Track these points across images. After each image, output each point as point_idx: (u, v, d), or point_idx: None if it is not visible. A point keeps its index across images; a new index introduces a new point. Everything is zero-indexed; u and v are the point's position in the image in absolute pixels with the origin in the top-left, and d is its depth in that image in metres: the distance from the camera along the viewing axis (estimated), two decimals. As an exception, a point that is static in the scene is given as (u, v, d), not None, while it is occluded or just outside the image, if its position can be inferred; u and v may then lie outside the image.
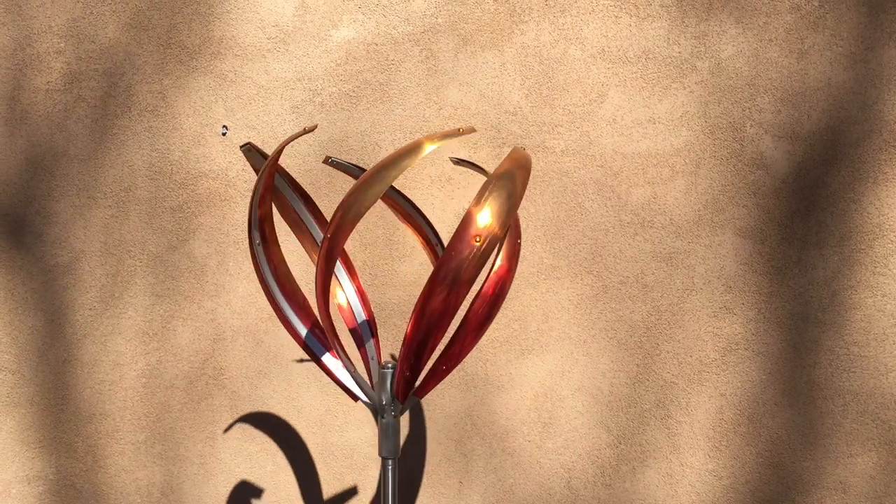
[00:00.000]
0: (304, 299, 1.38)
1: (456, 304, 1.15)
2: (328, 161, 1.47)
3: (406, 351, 1.21)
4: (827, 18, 1.66)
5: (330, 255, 1.18)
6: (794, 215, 1.70)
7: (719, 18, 1.68)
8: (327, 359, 1.36)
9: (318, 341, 1.36)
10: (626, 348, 1.74)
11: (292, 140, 1.25)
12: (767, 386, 1.73)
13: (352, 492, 1.82)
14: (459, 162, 1.51)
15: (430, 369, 1.30)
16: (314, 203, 1.48)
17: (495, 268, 1.30)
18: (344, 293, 1.49)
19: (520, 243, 1.30)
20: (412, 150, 1.15)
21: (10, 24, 1.77)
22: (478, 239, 1.11)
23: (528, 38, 1.71)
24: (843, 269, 1.70)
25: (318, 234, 1.47)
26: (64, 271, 1.79)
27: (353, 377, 1.33)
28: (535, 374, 1.76)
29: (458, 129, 1.21)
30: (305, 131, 1.24)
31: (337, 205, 1.74)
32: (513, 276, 1.31)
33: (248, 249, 1.76)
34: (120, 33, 1.76)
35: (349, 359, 1.31)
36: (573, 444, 1.76)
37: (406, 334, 1.21)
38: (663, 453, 1.75)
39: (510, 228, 1.33)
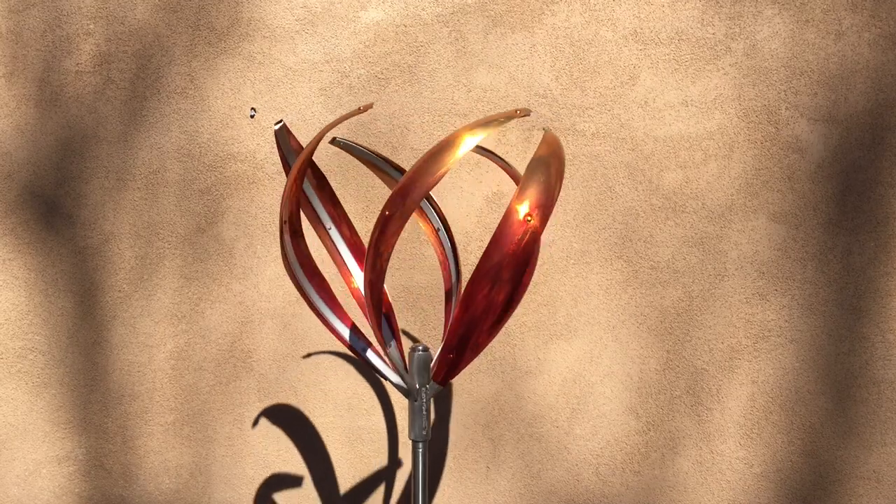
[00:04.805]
0: (328, 285, 1.45)
1: (499, 298, 1.22)
2: (334, 141, 1.53)
3: (451, 336, 1.28)
4: (866, -1, 1.69)
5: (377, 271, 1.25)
6: (830, 200, 1.73)
7: (755, -1, 1.71)
8: (356, 342, 1.42)
9: (349, 328, 1.43)
10: (656, 334, 1.79)
11: (333, 126, 1.31)
12: (801, 374, 1.77)
13: (378, 474, 1.88)
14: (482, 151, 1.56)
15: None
16: (331, 188, 1.54)
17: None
18: (356, 278, 1.55)
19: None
20: (452, 142, 1.21)
21: (39, 5, 1.84)
22: (529, 218, 1.17)
23: (558, 19, 1.75)
24: (880, 256, 1.73)
25: (327, 221, 1.53)
26: (94, 253, 1.87)
27: (385, 361, 1.39)
28: (564, 360, 1.81)
29: (516, 111, 1.27)
30: (362, 110, 1.29)
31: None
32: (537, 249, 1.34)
33: (278, 236, 1.83)
34: (149, 15, 1.83)
35: (381, 344, 1.38)
36: (602, 430, 1.82)
37: (453, 320, 1.27)
38: (693, 441, 1.80)
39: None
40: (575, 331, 1.81)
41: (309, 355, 1.86)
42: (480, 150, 1.55)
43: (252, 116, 1.82)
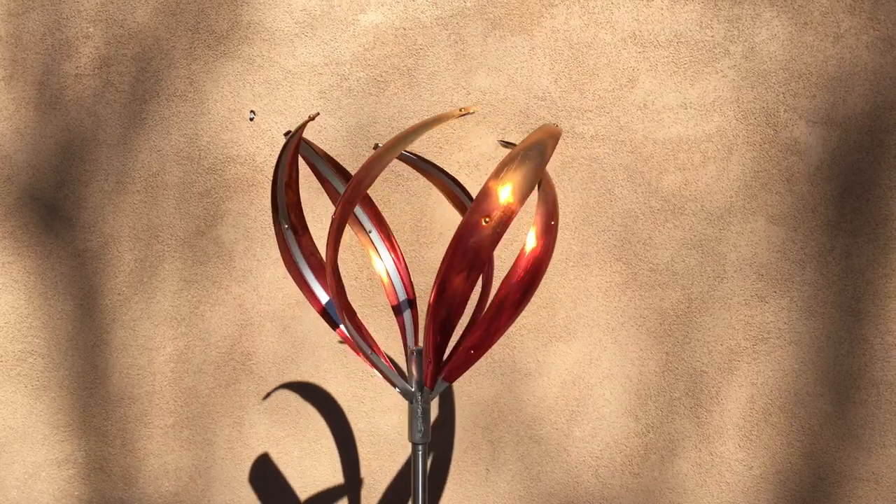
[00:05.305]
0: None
1: (474, 282, 1.21)
2: (377, 147, 1.54)
3: (428, 337, 1.27)
4: (864, 1, 1.70)
5: (339, 227, 1.25)
6: (829, 202, 1.74)
7: (753, 1, 1.72)
8: (362, 344, 1.43)
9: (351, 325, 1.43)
10: (655, 336, 1.80)
11: (300, 131, 1.31)
12: (800, 375, 1.78)
13: (378, 477, 1.89)
14: (507, 144, 1.57)
15: (461, 352, 1.36)
16: (366, 193, 1.56)
17: (529, 248, 1.33)
18: (384, 265, 1.56)
19: (554, 224, 1.33)
20: (421, 126, 1.24)
21: (39, 8, 1.85)
22: (486, 220, 1.16)
23: (557, 21, 1.76)
24: (879, 258, 1.74)
25: (367, 224, 1.55)
26: (93, 256, 1.88)
27: (382, 363, 1.39)
28: (563, 362, 1.82)
29: (459, 110, 1.28)
30: (310, 119, 1.30)
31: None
32: (549, 257, 1.34)
33: (276, 237, 1.84)
34: (149, 18, 1.83)
35: (368, 345, 1.38)
36: (601, 432, 1.82)
37: (426, 320, 1.27)
38: (692, 442, 1.80)
39: (544, 208, 1.36)
40: (574, 333, 1.81)
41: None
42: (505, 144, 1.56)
43: (251, 119, 1.83)
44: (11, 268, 1.89)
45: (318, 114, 1.38)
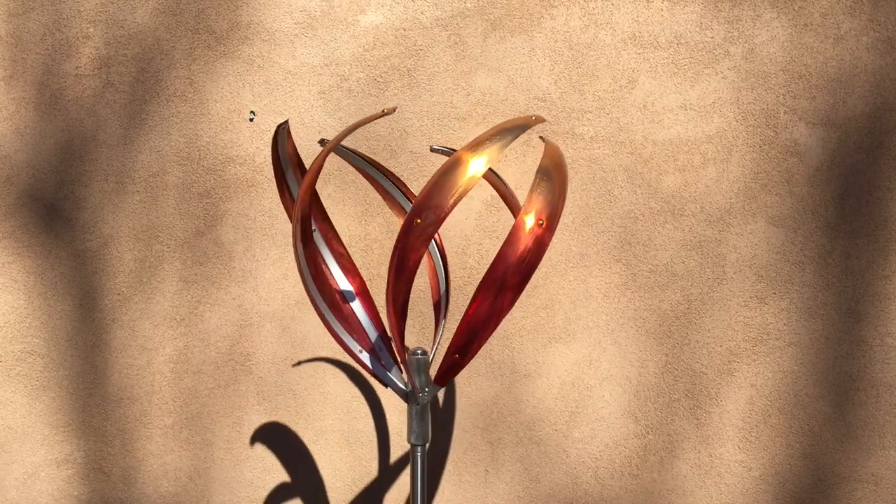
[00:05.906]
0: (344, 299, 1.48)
1: (421, 251, 1.24)
2: (433, 149, 1.56)
3: (391, 318, 1.29)
4: (864, 3, 1.70)
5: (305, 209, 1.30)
6: (829, 204, 1.74)
7: (753, 3, 1.72)
8: (354, 344, 1.43)
9: (347, 325, 1.44)
10: (655, 337, 1.80)
11: (283, 138, 1.32)
12: (799, 377, 1.78)
13: (377, 478, 1.89)
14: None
15: (448, 354, 1.35)
16: (396, 176, 1.62)
17: (528, 226, 1.31)
18: (432, 263, 1.59)
19: (542, 223, 1.31)
20: (352, 127, 1.32)
21: (38, 9, 1.85)
22: (418, 221, 1.20)
23: (557, 22, 1.76)
24: (878, 259, 1.74)
25: (406, 204, 1.62)
26: (93, 256, 1.88)
27: (375, 363, 1.40)
28: (563, 363, 1.82)
29: (382, 110, 1.34)
30: (282, 126, 1.33)
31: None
32: (550, 238, 1.32)
33: (286, 241, 1.84)
34: (149, 18, 1.83)
35: (365, 345, 1.39)
36: (600, 433, 1.83)
37: (387, 305, 1.28)
38: (692, 444, 1.81)
39: (549, 197, 1.35)
40: (573, 334, 1.82)
41: (300, 363, 1.87)
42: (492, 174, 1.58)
43: (251, 120, 1.83)
44: (11, 268, 1.89)
45: (287, 120, 1.41)
